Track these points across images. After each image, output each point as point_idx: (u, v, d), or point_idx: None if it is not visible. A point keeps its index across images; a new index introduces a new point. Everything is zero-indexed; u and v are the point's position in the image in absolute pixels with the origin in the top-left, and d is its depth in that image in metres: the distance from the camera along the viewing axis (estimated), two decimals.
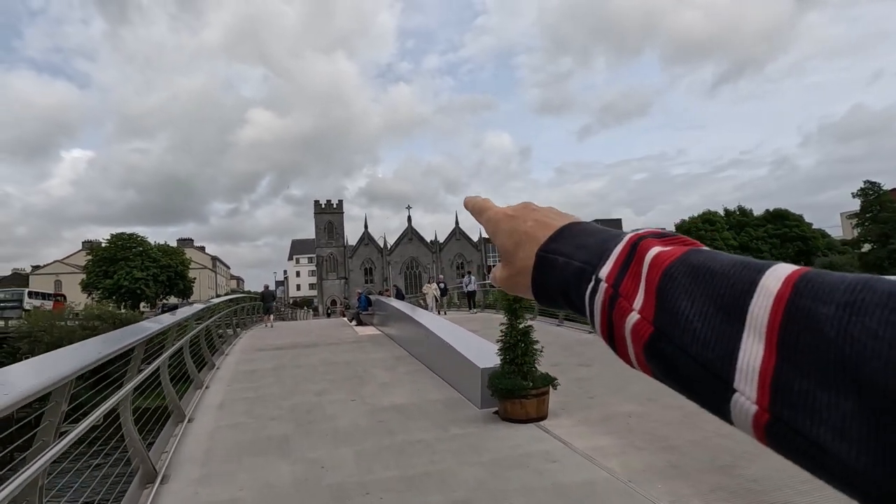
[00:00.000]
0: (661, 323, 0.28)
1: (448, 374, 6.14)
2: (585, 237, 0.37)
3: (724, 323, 0.26)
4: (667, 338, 0.28)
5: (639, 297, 0.30)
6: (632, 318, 0.30)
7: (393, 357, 8.37)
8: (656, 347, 0.29)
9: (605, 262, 0.33)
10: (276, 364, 8.23)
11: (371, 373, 7.14)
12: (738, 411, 0.25)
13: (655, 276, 0.30)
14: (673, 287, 0.28)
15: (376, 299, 15.26)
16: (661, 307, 0.29)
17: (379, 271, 65.52)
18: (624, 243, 0.33)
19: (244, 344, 11.36)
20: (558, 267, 0.36)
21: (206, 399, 5.93)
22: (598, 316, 0.33)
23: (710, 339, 0.26)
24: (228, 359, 9.11)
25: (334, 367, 7.78)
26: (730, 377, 0.25)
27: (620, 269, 0.32)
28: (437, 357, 6.80)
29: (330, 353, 9.26)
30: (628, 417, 4.50)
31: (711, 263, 0.28)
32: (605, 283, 0.32)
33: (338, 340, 11.09)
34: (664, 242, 0.32)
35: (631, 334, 0.30)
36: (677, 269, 0.29)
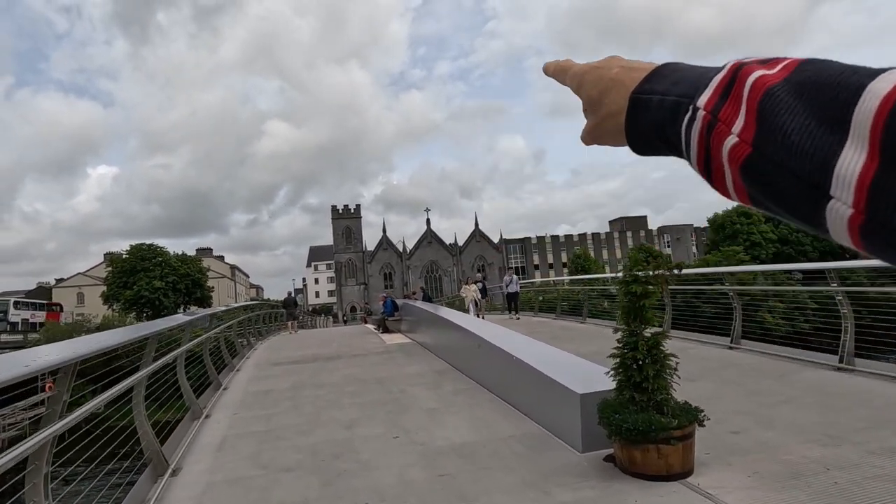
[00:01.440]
0: (759, 142, 0.28)
1: (519, 397, 4.64)
2: (682, 73, 0.36)
3: (826, 132, 0.25)
4: (765, 155, 0.28)
5: (739, 120, 0.30)
6: (730, 141, 0.30)
7: (433, 371, 6.90)
8: (754, 166, 0.29)
9: (704, 91, 0.32)
10: (293, 382, 6.83)
11: (411, 394, 5.68)
12: (834, 217, 0.25)
13: (756, 97, 0.29)
14: (774, 106, 0.28)
15: (403, 303, 13.85)
16: (760, 127, 0.28)
17: (398, 276, 64.29)
18: (725, 71, 0.32)
19: (259, 357, 10.03)
20: (653, 106, 0.36)
21: (204, 435, 4.54)
22: (694, 145, 0.32)
23: (808, 150, 0.26)
24: (239, 375, 7.76)
25: (364, 385, 6.34)
26: (827, 184, 0.25)
27: (720, 97, 0.31)
28: (497, 373, 5.31)
29: (357, 367, 7.83)
30: (825, 470, 2.93)
31: (818, 76, 0.27)
32: (703, 110, 0.32)
33: (363, 351, 9.68)
34: (769, 66, 0.31)
35: (728, 158, 0.30)
36: (780, 87, 0.28)
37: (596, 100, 0.41)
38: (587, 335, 9.92)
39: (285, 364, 8.67)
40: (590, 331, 10.67)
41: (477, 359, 5.95)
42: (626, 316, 3.29)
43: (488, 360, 5.53)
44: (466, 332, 6.47)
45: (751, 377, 5.40)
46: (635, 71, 0.39)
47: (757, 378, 5.32)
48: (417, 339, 10.37)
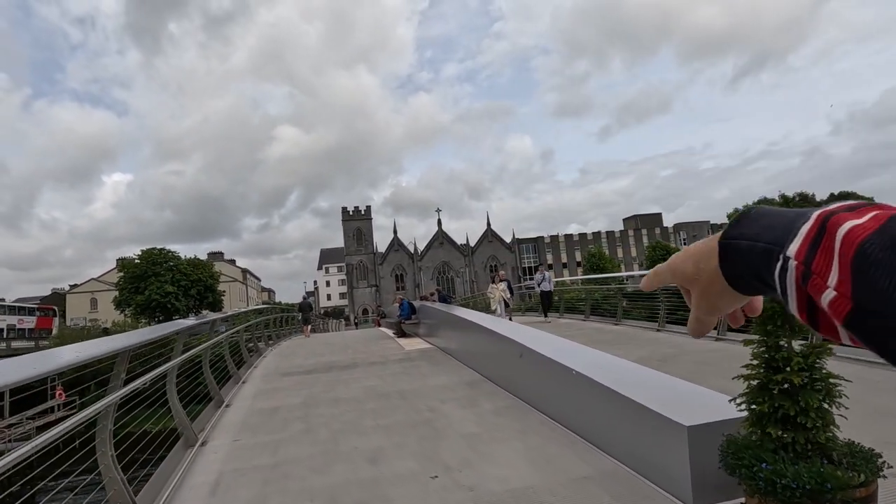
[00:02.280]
0: (859, 298, 0.28)
1: (584, 421, 3.74)
2: (769, 218, 0.36)
3: None
4: (868, 313, 0.28)
5: (833, 273, 0.29)
6: (828, 295, 0.29)
7: (464, 383, 6.02)
8: (857, 321, 0.28)
9: (793, 240, 0.32)
10: (305, 398, 5.99)
11: (443, 413, 4.80)
12: None
13: (849, 251, 0.29)
14: (870, 262, 0.28)
15: (420, 305, 12.97)
16: (858, 283, 0.28)
17: (410, 277, 63.53)
18: (812, 221, 0.32)
19: (268, 365, 9.23)
20: (742, 250, 0.36)
21: (196, 471, 3.70)
22: (792, 294, 0.32)
23: None
24: (245, 389, 6.95)
25: (386, 401, 5.48)
26: None
27: (811, 247, 0.31)
28: (549, 389, 4.42)
29: (376, 377, 6.98)
30: None
31: None
32: (794, 260, 0.32)
33: (381, 358, 8.83)
34: (857, 214, 0.31)
35: (830, 310, 0.30)
36: (873, 241, 0.28)
37: (692, 273, 0.42)
38: (627, 338, 8.96)
39: (296, 374, 7.85)
40: (627, 333, 9.71)
41: (519, 370, 5.06)
42: (767, 322, 2.36)
43: (535, 372, 4.64)
44: (503, 339, 5.58)
45: (865, 390, 4.43)
46: (710, 240, 0.40)
47: (871, 391, 4.33)
48: (439, 345, 9.50)
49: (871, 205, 0.31)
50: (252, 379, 7.75)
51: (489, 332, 6.15)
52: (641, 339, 8.76)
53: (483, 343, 6.45)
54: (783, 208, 0.37)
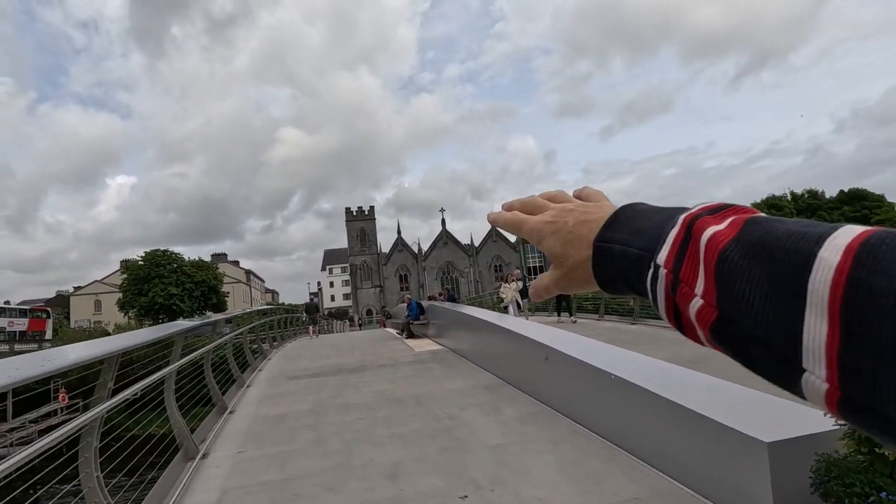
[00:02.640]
0: (723, 307, 0.28)
1: (625, 430, 3.36)
2: (640, 221, 0.36)
3: (785, 302, 0.25)
4: (731, 321, 0.28)
5: (699, 281, 0.30)
6: (695, 304, 0.30)
7: (482, 387, 5.65)
8: (722, 331, 0.28)
9: (662, 247, 0.33)
10: (313, 403, 5.63)
11: (464, 421, 4.43)
12: (811, 389, 0.25)
13: (712, 259, 0.29)
14: (730, 270, 0.28)
15: (429, 305, 12.61)
16: (721, 291, 0.28)
17: (414, 277, 63.21)
18: (679, 226, 0.32)
19: (273, 368, 8.89)
20: (616, 255, 0.36)
21: (195, 490, 3.33)
22: (661, 302, 0.33)
23: (772, 321, 0.25)
24: (250, 393, 6.60)
25: (401, 407, 5.11)
26: (797, 357, 0.25)
27: (678, 254, 0.31)
28: (580, 394, 4.05)
29: (387, 380, 6.61)
30: None
31: (766, 238, 0.27)
32: (664, 268, 0.32)
33: (391, 360, 8.46)
34: (718, 218, 0.31)
35: (696, 319, 0.30)
36: (732, 249, 0.28)
37: (559, 253, 0.41)
38: (647, 338, 8.57)
39: (303, 377, 7.50)
40: (646, 333, 9.32)
41: (544, 373, 4.68)
42: None
43: (563, 375, 4.26)
44: (524, 339, 5.20)
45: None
46: (590, 222, 0.40)
47: None
48: (450, 346, 9.13)
49: (730, 207, 0.32)
50: (257, 383, 7.40)
51: (508, 332, 5.78)
52: (662, 339, 8.36)
53: (501, 344, 6.08)
54: (654, 208, 0.37)
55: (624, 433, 3.36)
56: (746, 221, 0.29)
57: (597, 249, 0.38)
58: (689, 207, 0.34)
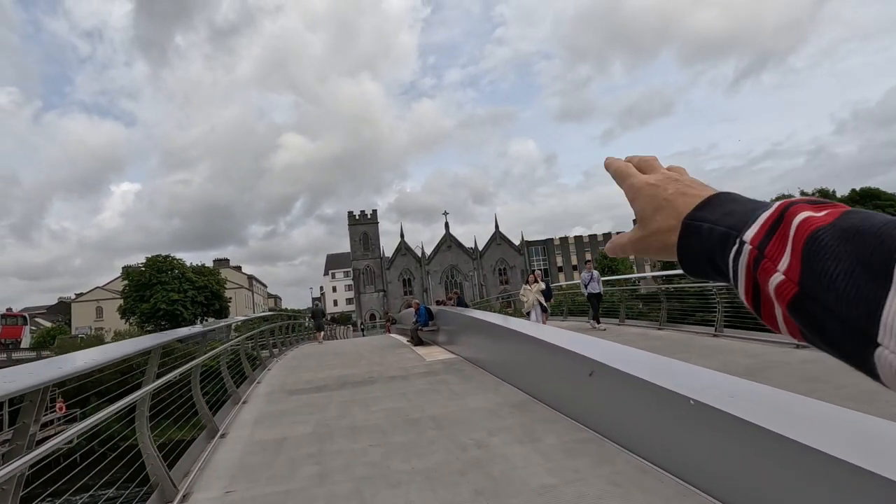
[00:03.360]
0: (805, 283, 0.29)
1: (715, 472, 2.63)
2: (733, 205, 0.37)
3: (870, 281, 0.26)
4: (811, 298, 0.28)
5: (784, 258, 0.30)
6: (776, 279, 0.30)
7: (509, 405, 4.92)
8: (801, 307, 0.29)
9: (751, 226, 0.33)
10: (316, 425, 4.92)
11: (496, 450, 3.71)
12: (883, 364, 0.25)
13: (802, 238, 0.30)
14: (819, 249, 0.29)
15: (438, 311, 11.90)
16: (806, 268, 0.29)
17: (418, 281, 62.48)
18: (772, 210, 0.33)
19: (273, 380, 8.18)
20: (703, 233, 0.37)
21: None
22: (741, 278, 0.33)
23: (854, 297, 0.26)
24: (246, 411, 5.89)
25: (418, 431, 4.39)
26: (874, 332, 0.25)
27: (767, 233, 0.32)
28: (637, 417, 3.32)
29: (399, 396, 5.90)
30: None
31: (862, 224, 0.28)
32: (749, 244, 0.33)
33: (401, 371, 7.75)
34: (816, 208, 0.32)
35: (775, 294, 0.30)
36: (826, 232, 0.29)
37: (648, 216, 0.42)
38: (681, 345, 7.82)
39: (305, 392, 6.79)
40: (678, 339, 8.57)
41: (589, 391, 3.96)
42: None
43: (618, 396, 3.54)
44: (561, 351, 4.48)
45: None
46: (689, 196, 0.40)
47: None
48: (464, 355, 8.41)
49: (831, 203, 0.33)
50: (254, 398, 6.69)
51: (538, 341, 5.05)
52: (698, 346, 7.63)
53: (529, 355, 5.36)
54: (747, 198, 0.38)
55: (714, 478, 2.63)
56: (845, 211, 0.30)
57: (685, 227, 0.38)
58: (790, 199, 0.35)
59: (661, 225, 0.41)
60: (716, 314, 8.14)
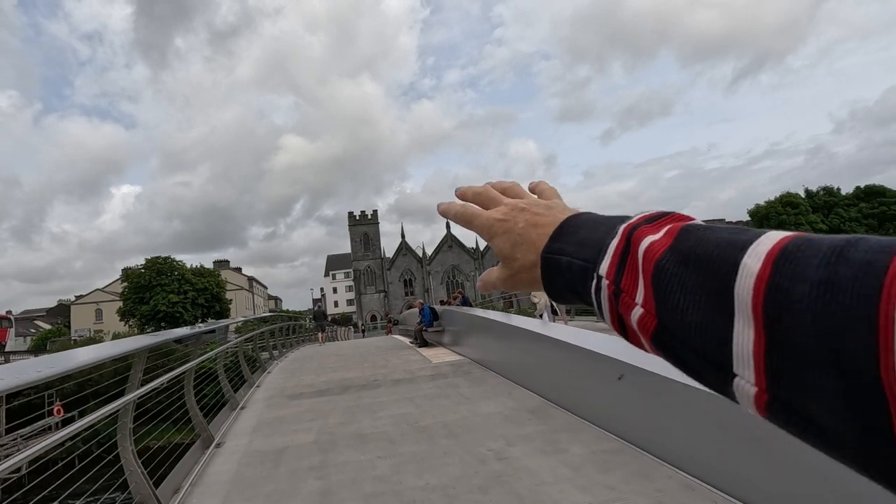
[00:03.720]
0: (662, 315, 0.28)
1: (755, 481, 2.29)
2: (585, 232, 0.36)
3: (716, 309, 0.26)
4: (668, 330, 0.28)
5: (639, 291, 0.30)
6: (636, 313, 0.30)
7: (526, 411, 4.58)
8: (661, 340, 0.29)
9: (604, 259, 0.33)
10: (318, 433, 4.57)
11: (518, 462, 3.36)
12: (741, 393, 0.25)
13: (649, 268, 0.29)
14: (666, 278, 0.28)
15: (443, 311, 11.57)
16: (658, 301, 0.29)
17: (419, 282, 62.14)
18: (619, 237, 0.33)
19: (273, 383, 7.85)
20: (563, 267, 0.36)
21: None
22: (606, 311, 0.33)
23: (705, 328, 0.26)
24: (244, 418, 5.56)
25: (429, 440, 4.05)
26: (728, 363, 0.25)
27: (619, 265, 0.32)
28: (677, 425, 2.98)
29: (406, 401, 5.55)
30: None
31: (698, 247, 0.28)
32: (605, 279, 0.32)
33: (407, 374, 7.41)
34: (655, 228, 0.31)
35: (638, 327, 0.30)
36: (667, 259, 0.29)
37: (508, 254, 0.41)
38: None
39: (307, 396, 6.45)
40: None
41: (616, 395, 3.62)
42: None
43: (655, 402, 3.20)
44: (582, 352, 4.13)
45: None
46: (540, 226, 0.39)
47: None
48: (471, 356, 8.07)
49: (667, 216, 0.32)
50: (253, 403, 6.35)
51: (556, 342, 4.70)
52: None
53: (545, 357, 5.01)
54: (599, 218, 0.37)
55: (783, 500, 2.28)
56: (681, 230, 0.30)
57: (545, 261, 0.38)
58: (630, 216, 0.34)
59: (523, 262, 0.40)
60: None
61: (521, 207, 0.42)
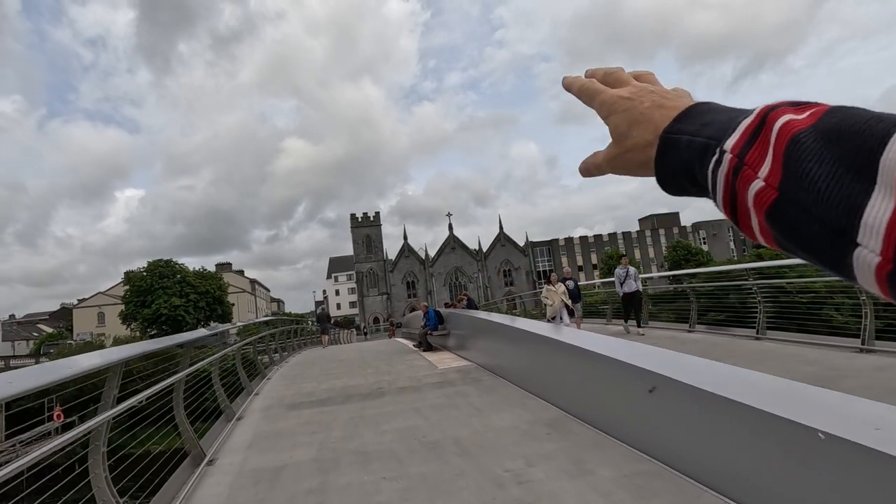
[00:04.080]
0: (785, 187, 0.28)
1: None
2: (712, 115, 0.36)
3: (853, 180, 0.25)
4: (791, 201, 0.28)
5: (765, 165, 0.30)
6: (755, 186, 0.30)
7: (543, 424, 4.22)
8: (780, 211, 0.28)
9: (732, 135, 0.32)
10: (319, 449, 4.22)
11: (540, 486, 3.00)
12: (861, 264, 0.25)
13: (783, 142, 0.29)
14: (800, 152, 0.28)
15: (449, 313, 11.22)
16: (787, 173, 0.28)
17: (422, 284, 61.76)
18: (753, 116, 0.32)
19: (273, 391, 7.50)
20: (682, 146, 0.36)
21: None
22: (720, 188, 0.32)
23: (836, 198, 0.26)
24: (240, 430, 5.21)
25: (439, 459, 3.69)
26: (854, 232, 0.25)
27: (748, 141, 0.31)
28: (721, 446, 2.62)
29: (413, 412, 5.19)
30: None
31: (844, 123, 0.27)
32: (729, 153, 0.32)
33: (413, 381, 7.05)
34: (798, 110, 0.30)
35: (754, 202, 0.30)
36: (807, 134, 0.28)
37: (624, 132, 0.41)
38: (723, 350, 7.08)
39: (307, 406, 6.10)
40: (715, 342, 7.82)
41: (647, 410, 3.26)
42: None
43: (696, 420, 2.84)
44: (607, 361, 3.77)
45: None
46: (666, 108, 0.39)
47: None
48: (479, 361, 7.72)
49: (813, 103, 0.31)
50: (250, 414, 6.01)
51: (576, 349, 4.33)
52: (743, 351, 6.90)
53: (563, 365, 4.65)
54: (728, 107, 0.36)
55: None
56: (827, 111, 0.29)
57: (663, 140, 0.37)
58: (770, 103, 0.33)
59: (638, 140, 0.39)
60: (757, 314, 7.40)
61: (650, 90, 0.41)
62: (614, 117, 0.41)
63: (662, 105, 0.39)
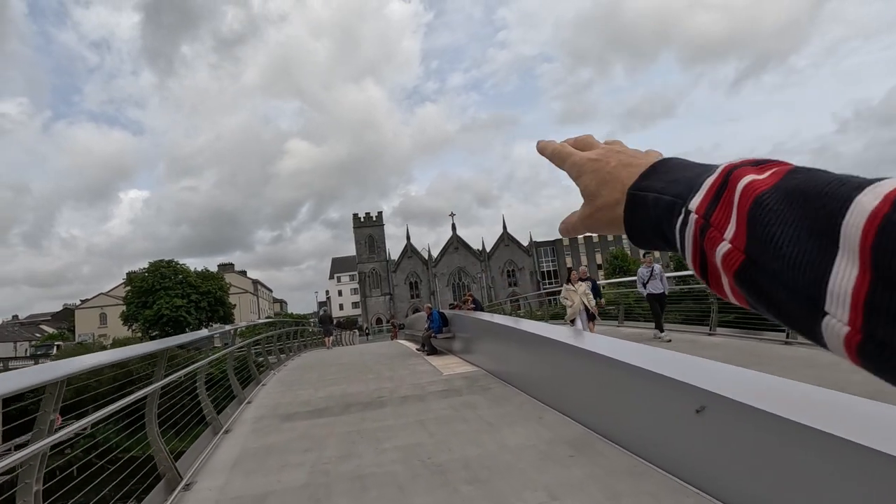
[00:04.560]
0: (751, 251, 0.28)
1: None
2: (677, 172, 0.36)
3: (817, 246, 0.25)
4: (757, 265, 0.27)
5: (730, 226, 0.29)
6: (722, 248, 0.29)
7: (565, 444, 3.71)
8: (747, 275, 0.28)
9: (696, 194, 0.32)
10: (311, 470, 3.72)
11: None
12: (830, 333, 0.24)
13: (746, 204, 0.29)
14: (764, 214, 0.27)
15: (453, 315, 10.71)
16: (752, 235, 0.28)
17: (425, 284, 61.26)
18: (717, 174, 0.32)
19: (267, 398, 7.01)
20: (649, 203, 0.36)
21: None
22: (689, 247, 0.32)
23: (801, 264, 0.25)
24: (225, 446, 4.72)
25: (447, 486, 3.18)
26: (821, 300, 0.24)
27: (712, 200, 0.31)
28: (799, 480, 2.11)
29: (416, 425, 4.69)
30: None
31: (806, 185, 0.27)
32: (695, 214, 0.32)
33: (416, 389, 6.55)
34: (760, 170, 0.30)
35: (722, 264, 0.30)
36: (770, 195, 0.28)
37: (593, 192, 0.41)
38: (751, 356, 6.56)
39: (302, 417, 5.60)
40: (740, 347, 7.30)
41: (702, 436, 2.75)
42: None
43: (765, 448, 2.33)
44: (643, 374, 3.26)
45: None
46: (632, 166, 0.39)
47: None
48: (486, 367, 7.21)
49: (774, 161, 0.31)
50: (240, 425, 5.52)
51: (604, 358, 3.82)
52: (774, 356, 6.36)
53: (585, 374, 4.15)
54: (692, 162, 0.37)
55: None
56: (788, 171, 0.29)
57: (630, 197, 0.37)
58: (733, 161, 0.33)
59: (608, 199, 0.40)
60: None
61: (616, 151, 0.42)
62: (584, 178, 0.42)
63: (629, 164, 0.39)
